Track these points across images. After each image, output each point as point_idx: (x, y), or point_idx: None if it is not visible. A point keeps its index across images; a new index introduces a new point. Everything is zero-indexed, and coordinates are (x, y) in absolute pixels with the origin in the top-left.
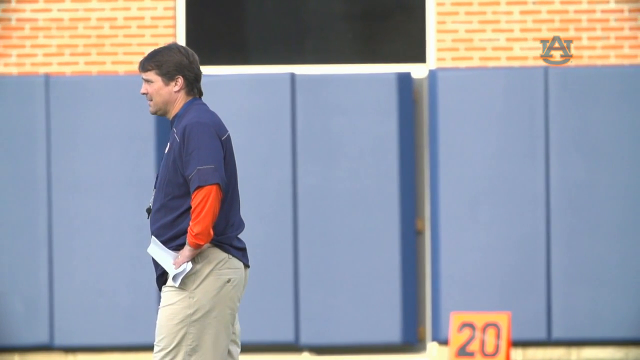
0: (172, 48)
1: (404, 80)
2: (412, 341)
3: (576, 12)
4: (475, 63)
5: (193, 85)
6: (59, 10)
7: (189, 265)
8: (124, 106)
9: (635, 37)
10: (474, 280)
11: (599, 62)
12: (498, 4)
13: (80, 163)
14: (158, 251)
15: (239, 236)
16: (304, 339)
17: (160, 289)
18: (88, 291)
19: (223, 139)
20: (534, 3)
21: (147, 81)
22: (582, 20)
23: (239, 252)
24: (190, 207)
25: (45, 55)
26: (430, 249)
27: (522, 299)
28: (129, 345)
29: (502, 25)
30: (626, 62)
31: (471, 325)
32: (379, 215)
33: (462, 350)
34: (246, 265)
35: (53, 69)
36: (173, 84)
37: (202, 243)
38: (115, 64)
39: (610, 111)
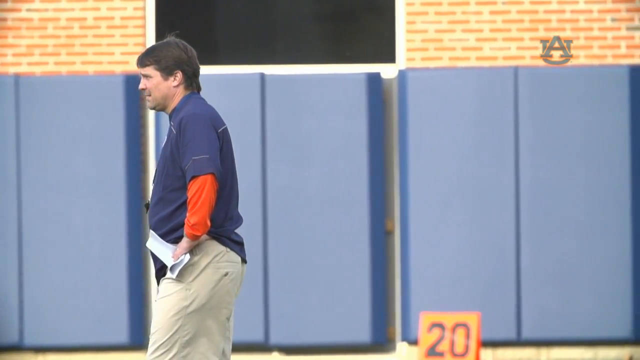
0: (171, 43)
1: (374, 80)
2: (382, 341)
3: (546, 12)
4: (445, 63)
5: (192, 80)
6: (28, 10)
7: (187, 256)
8: (94, 106)
9: (604, 38)
10: (444, 281)
11: (569, 62)
12: (468, 4)
13: (50, 163)
14: (156, 245)
15: (236, 231)
16: (274, 339)
17: (159, 283)
18: (58, 291)
19: (219, 131)
20: (503, 3)
21: (146, 76)
22: (552, 21)
23: (237, 246)
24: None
25: (15, 55)
26: (400, 249)
27: (492, 299)
28: (99, 345)
29: (471, 25)
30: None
31: (441, 326)
32: (348, 215)
33: (431, 351)
34: (243, 260)
35: (23, 69)
36: (172, 78)
37: (199, 234)
38: (85, 64)
39: (580, 112)
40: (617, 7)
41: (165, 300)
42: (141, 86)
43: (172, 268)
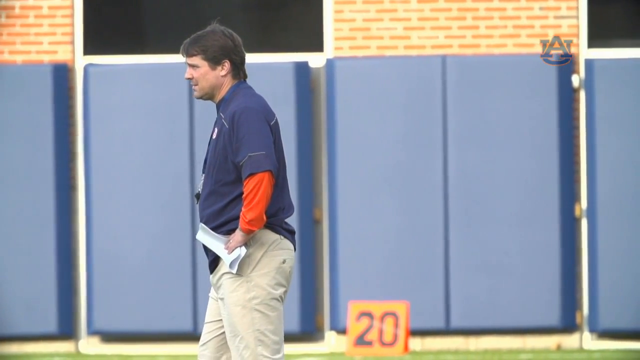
0: (216, 31)
1: (302, 69)
2: (311, 330)
3: (474, 0)
4: (373, 52)
5: (239, 68)
6: None
7: (243, 249)
8: (22, 96)
9: (532, 26)
10: (372, 269)
11: (497, 51)
12: None
13: None
14: (208, 238)
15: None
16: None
17: (211, 273)
18: None
19: (272, 123)
20: None
21: (192, 66)
22: (479, 9)
23: (289, 234)
24: (240, 194)
25: None
26: (328, 238)
27: (421, 288)
28: (28, 335)
29: (399, 14)
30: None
31: (369, 315)
32: None
33: (360, 339)
34: (294, 248)
35: None
36: (220, 68)
37: (255, 229)
38: (13, 54)
39: (507, 99)
40: None
41: (231, 296)
42: (187, 76)
43: (232, 264)
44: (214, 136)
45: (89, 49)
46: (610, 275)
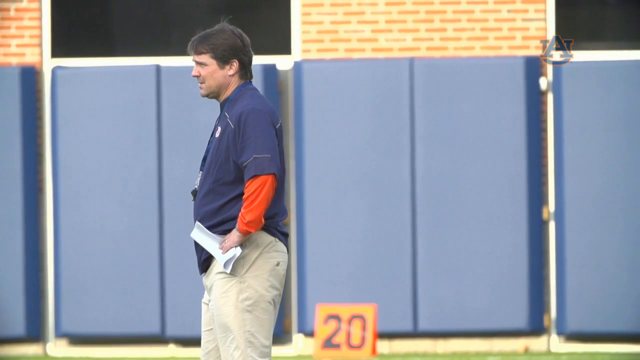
0: (226, 30)
1: (269, 71)
2: (278, 333)
3: (442, 3)
4: (340, 54)
5: (247, 69)
6: None
7: (238, 250)
8: None
9: (499, 29)
10: (340, 272)
11: (465, 54)
12: None
13: None
14: (203, 236)
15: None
16: (170, 331)
17: (201, 273)
18: None
19: (277, 127)
20: None
21: (200, 64)
22: (447, 12)
23: (284, 236)
24: (239, 194)
25: None
26: (296, 241)
27: (388, 290)
28: None
29: (367, 17)
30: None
31: (337, 317)
32: None
33: (328, 342)
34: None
35: None
36: (228, 67)
37: (252, 231)
38: None
39: (475, 103)
40: None
41: (223, 296)
42: (194, 73)
43: (226, 264)
44: (217, 135)
45: (56, 52)
46: (578, 278)
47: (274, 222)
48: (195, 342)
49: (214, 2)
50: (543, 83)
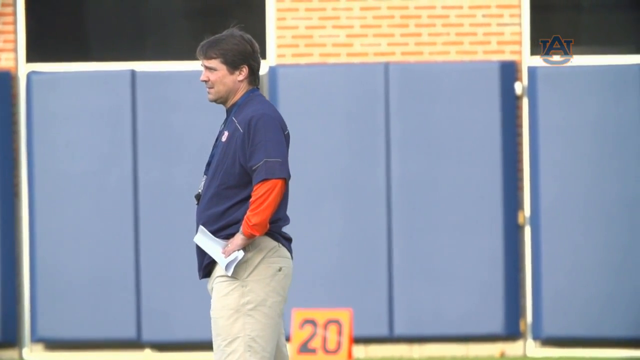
0: (236, 35)
1: None
2: None
3: (417, 7)
4: (315, 59)
5: (255, 75)
6: None
7: (241, 253)
8: None
9: (474, 34)
10: (315, 277)
11: (440, 58)
12: (338, 0)
13: None
14: (206, 240)
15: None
16: (146, 336)
17: (201, 278)
18: None
19: (285, 134)
20: None
21: (210, 69)
22: (422, 17)
23: (287, 242)
24: (243, 198)
25: None
26: None
27: (364, 295)
28: None
29: (342, 22)
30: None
31: (313, 322)
32: None
33: (304, 347)
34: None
35: None
36: (238, 73)
37: (257, 234)
38: None
39: (450, 107)
40: (487, 3)
41: (223, 299)
42: (203, 78)
43: (227, 266)
44: (224, 139)
45: (31, 57)
46: (554, 283)
47: (277, 227)
48: (170, 346)
49: (189, 6)
50: (518, 88)
